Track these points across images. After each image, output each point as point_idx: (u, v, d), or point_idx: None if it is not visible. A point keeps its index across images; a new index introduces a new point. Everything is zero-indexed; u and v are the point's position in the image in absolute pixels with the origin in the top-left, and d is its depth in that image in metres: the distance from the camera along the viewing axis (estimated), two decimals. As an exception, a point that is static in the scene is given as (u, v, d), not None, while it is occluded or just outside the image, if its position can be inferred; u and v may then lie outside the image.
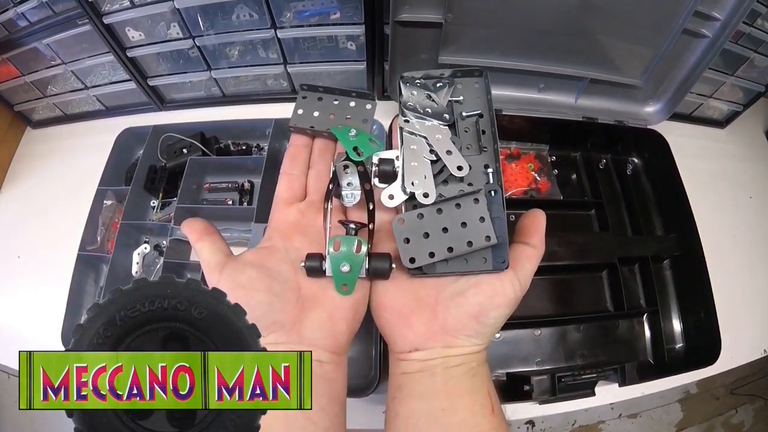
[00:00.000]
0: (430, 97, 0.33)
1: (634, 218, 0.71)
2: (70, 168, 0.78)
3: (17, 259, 0.71)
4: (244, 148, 0.73)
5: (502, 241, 0.29)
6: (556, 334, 0.63)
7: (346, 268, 0.29)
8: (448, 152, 0.31)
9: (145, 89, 0.74)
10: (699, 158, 0.79)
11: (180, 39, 0.65)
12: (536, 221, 0.32)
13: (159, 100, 0.78)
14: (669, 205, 0.71)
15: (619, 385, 0.58)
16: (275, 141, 0.70)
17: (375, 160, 0.32)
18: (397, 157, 0.32)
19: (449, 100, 0.34)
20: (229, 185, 0.70)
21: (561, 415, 0.58)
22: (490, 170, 0.32)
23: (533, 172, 0.72)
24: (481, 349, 0.31)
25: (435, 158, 0.31)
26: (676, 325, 0.66)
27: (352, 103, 0.35)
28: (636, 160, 0.77)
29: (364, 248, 0.30)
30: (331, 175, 0.32)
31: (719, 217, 0.74)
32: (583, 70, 0.64)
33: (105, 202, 0.68)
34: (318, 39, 0.67)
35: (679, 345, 0.65)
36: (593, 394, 0.57)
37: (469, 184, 0.32)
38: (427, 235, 0.30)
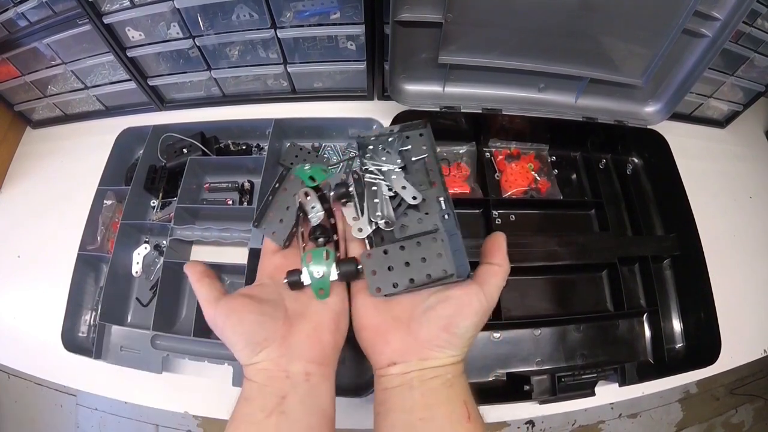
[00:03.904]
0: (384, 148, 0.40)
1: (634, 218, 0.71)
2: (70, 168, 0.78)
3: (17, 259, 0.71)
4: (244, 148, 0.73)
5: (460, 252, 0.34)
6: (556, 334, 0.63)
7: (318, 274, 0.35)
8: (403, 187, 0.37)
9: (145, 89, 0.74)
10: (699, 158, 0.79)
11: (180, 39, 0.65)
12: (497, 243, 0.36)
13: (159, 100, 0.78)
14: (669, 205, 0.71)
15: (619, 385, 0.58)
16: (275, 141, 0.70)
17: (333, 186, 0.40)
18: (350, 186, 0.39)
19: (400, 150, 0.40)
20: (229, 185, 0.70)
21: (561, 415, 0.58)
22: (441, 198, 0.38)
23: (533, 172, 0.72)
24: (457, 361, 0.33)
25: (393, 194, 0.38)
26: (676, 325, 0.66)
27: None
28: (636, 160, 0.77)
29: (331, 255, 0.36)
30: (297, 205, 0.39)
31: (719, 217, 0.74)
32: (583, 70, 0.64)
33: (105, 202, 0.68)
34: (318, 39, 0.67)
35: (679, 345, 0.65)
36: (593, 394, 0.57)
37: (426, 213, 0.37)
38: (391, 268, 0.35)
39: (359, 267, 0.35)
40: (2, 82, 0.75)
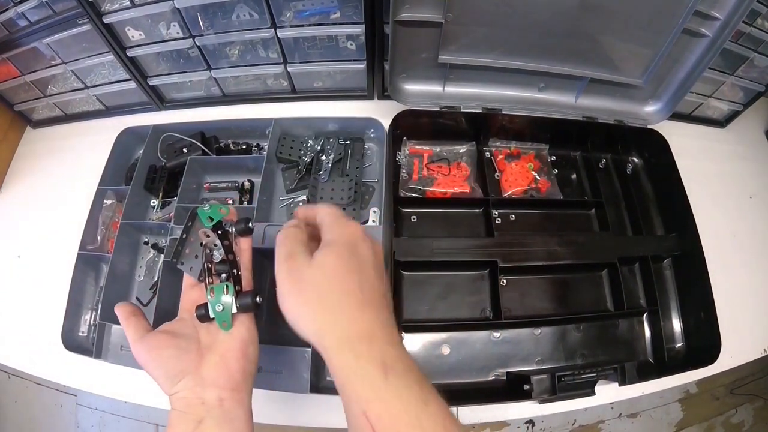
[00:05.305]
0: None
1: (634, 218, 0.71)
2: (70, 168, 0.78)
3: (17, 259, 0.71)
4: (244, 147, 0.73)
5: None
6: (557, 333, 0.63)
7: (219, 308, 0.38)
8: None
9: (145, 89, 0.74)
10: (699, 158, 0.79)
11: (180, 39, 0.65)
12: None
13: (159, 100, 0.78)
14: (669, 205, 0.71)
15: (619, 385, 0.58)
16: (275, 141, 0.70)
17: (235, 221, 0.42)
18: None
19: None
20: (229, 185, 0.70)
21: (561, 414, 0.58)
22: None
23: (533, 172, 0.72)
24: (327, 344, 0.33)
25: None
26: (676, 325, 0.66)
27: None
28: (636, 160, 0.77)
29: (230, 290, 0.38)
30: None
31: (719, 217, 0.74)
32: (583, 70, 0.65)
33: (105, 201, 0.68)
34: (318, 39, 0.67)
35: (679, 345, 0.65)
36: (593, 393, 0.57)
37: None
38: None
39: (257, 299, 0.38)
40: (2, 82, 0.74)
